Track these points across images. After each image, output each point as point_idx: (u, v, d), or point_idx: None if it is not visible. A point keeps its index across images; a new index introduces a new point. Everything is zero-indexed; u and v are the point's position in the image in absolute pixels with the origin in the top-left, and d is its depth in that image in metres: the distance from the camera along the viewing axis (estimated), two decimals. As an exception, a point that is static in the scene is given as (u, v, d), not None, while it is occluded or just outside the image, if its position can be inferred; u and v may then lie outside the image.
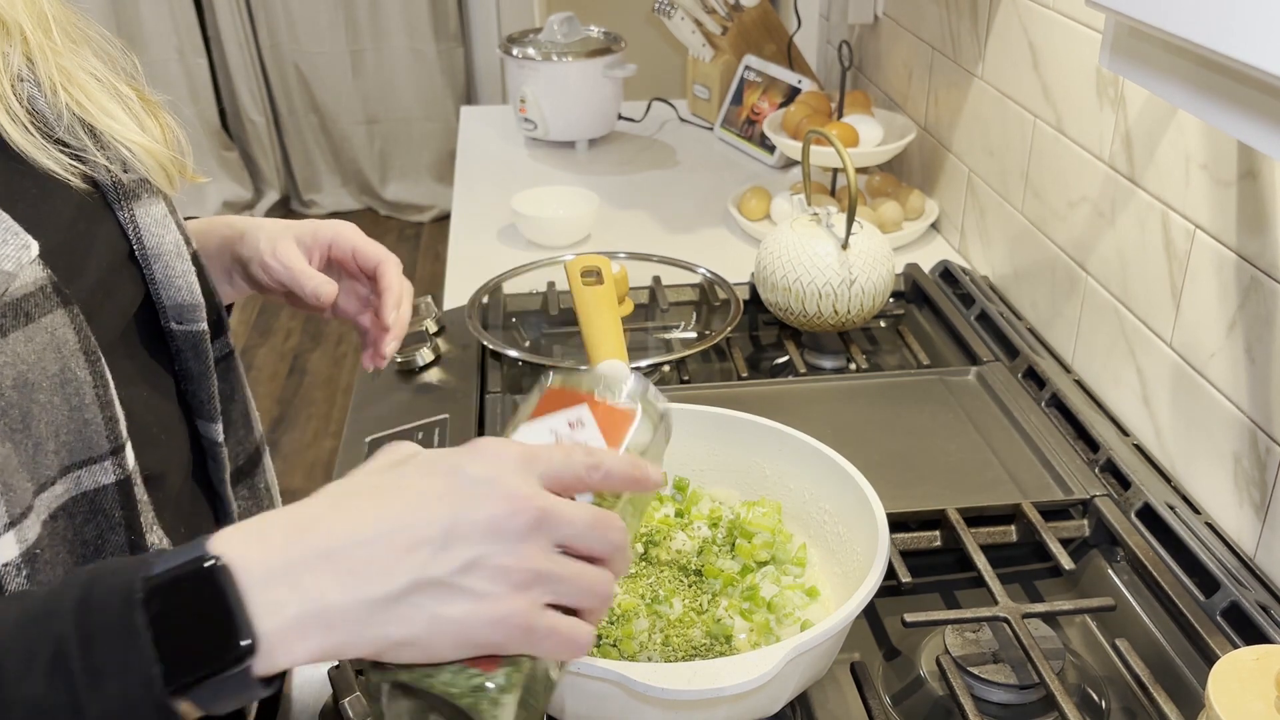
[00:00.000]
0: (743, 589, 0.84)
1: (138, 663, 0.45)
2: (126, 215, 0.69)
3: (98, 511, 0.62)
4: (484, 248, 1.62)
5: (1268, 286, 0.91)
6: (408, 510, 0.50)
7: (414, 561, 0.49)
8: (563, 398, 0.62)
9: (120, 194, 0.69)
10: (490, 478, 0.51)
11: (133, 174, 0.69)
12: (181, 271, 0.71)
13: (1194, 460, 1.03)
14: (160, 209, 0.71)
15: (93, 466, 0.62)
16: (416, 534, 0.49)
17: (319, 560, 0.48)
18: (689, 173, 1.93)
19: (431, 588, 0.49)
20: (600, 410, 0.62)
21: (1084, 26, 1.17)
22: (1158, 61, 0.72)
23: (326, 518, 0.50)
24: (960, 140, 1.55)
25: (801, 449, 0.90)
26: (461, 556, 0.49)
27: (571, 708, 0.72)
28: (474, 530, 0.50)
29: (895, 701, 0.85)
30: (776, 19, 2.10)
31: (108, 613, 0.45)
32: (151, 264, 0.70)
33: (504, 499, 0.50)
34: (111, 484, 0.62)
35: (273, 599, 0.47)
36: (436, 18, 4.00)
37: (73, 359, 0.60)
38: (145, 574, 0.46)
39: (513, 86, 2.03)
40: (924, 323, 1.40)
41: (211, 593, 0.46)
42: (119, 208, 0.69)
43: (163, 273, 0.71)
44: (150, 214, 0.70)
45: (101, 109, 0.68)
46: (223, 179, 4.18)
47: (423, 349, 1.25)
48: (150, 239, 0.70)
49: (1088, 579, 0.97)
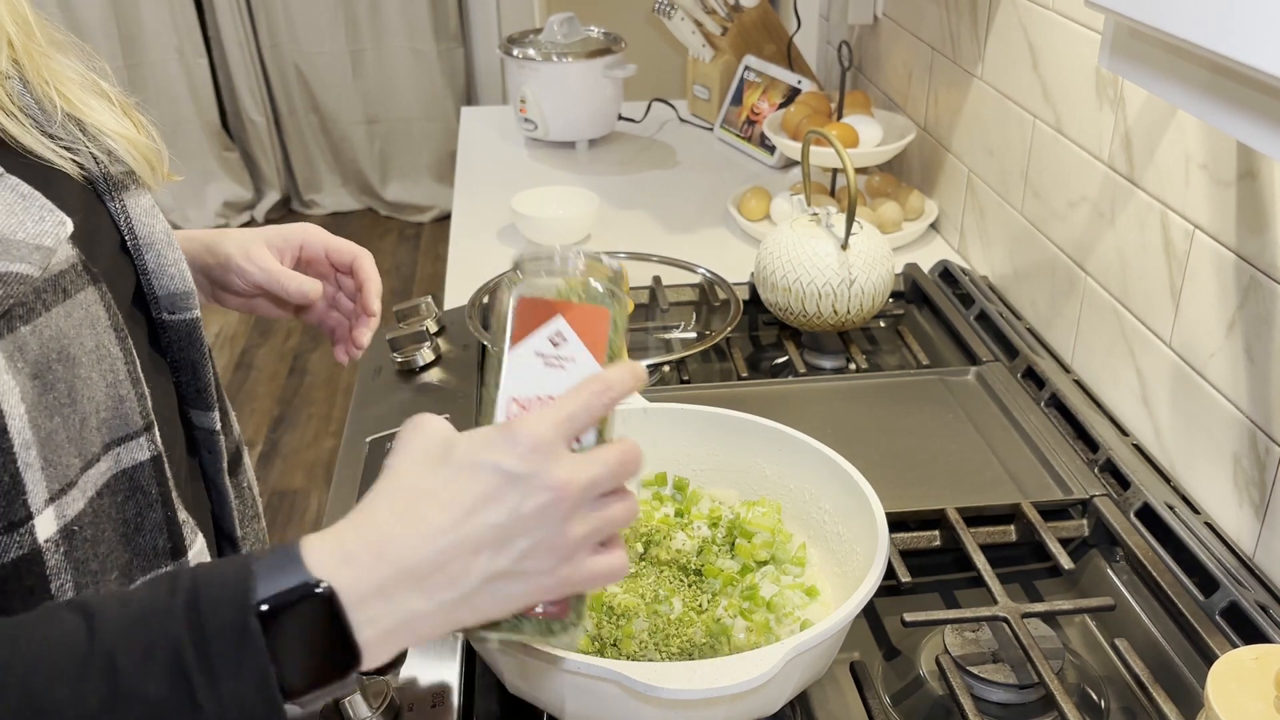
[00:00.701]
0: (742, 588, 0.84)
1: (254, 667, 0.50)
2: (117, 205, 0.70)
3: (137, 489, 0.64)
4: (484, 248, 1.63)
5: (1267, 286, 0.91)
6: (466, 517, 0.55)
7: (480, 563, 0.55)
8: (535, 310, 0.65)
9: (110, 185, 0.69)
10: (531, 473, 0.56)
11: (120, 165, 0.70)
12: (173, 260, 0.72)
13: (1193, 460, 1.03)
14: (148, 199, 0.72)
15: (130, 443, 0.64)
16: (479, 539, 0.55)
17: (403, 577, 0.54)
18: (689, 173, 1.93)
19: (497, 579, 0.56)
20: (574, 316, 0.64)
21: (1083, 27, 1.18)
22: (1157, 62, 0.72)
23: (398, 533, 0.55)
24: (960, 140, 1.55)
25: (801, 449, 0.90)
26: (519, 548, 0.56)
27: (571, 707, 0.72)
28: (526, 524, 0.56)
29: (895, 701, 0.85)
30: (776, 19, 2.10)
31: (221, 618, 0.50)
32: (144, 253, 0.71)
33: (546, 490, 0.56)
34: (147, 460, 0.65)
35: (369, 616, 0.53)
36: (437, 18, 4.00)
37: (105, 335, 0.62)
38: (254, 587, 0.51)
39: (513, 87, 2.04)
40: (924, 323, 1.40)
41: (321, 615, 0.52)
42: (109, 198, 0.70)
43: (155, 261, 0.71)
44: (139, 204, 0.71)
45: (86, 104, 0.69)
46: (223, 179, 4.18)
47: (423, 349, 1.25)
48: (142, 228, 0.71)
49: (1087, 579, 0.97)
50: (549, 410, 0.58)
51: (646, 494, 0.95)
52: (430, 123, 4.19)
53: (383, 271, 4.41)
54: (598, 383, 0.60)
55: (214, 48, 4.03)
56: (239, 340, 3.50)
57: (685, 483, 0.95)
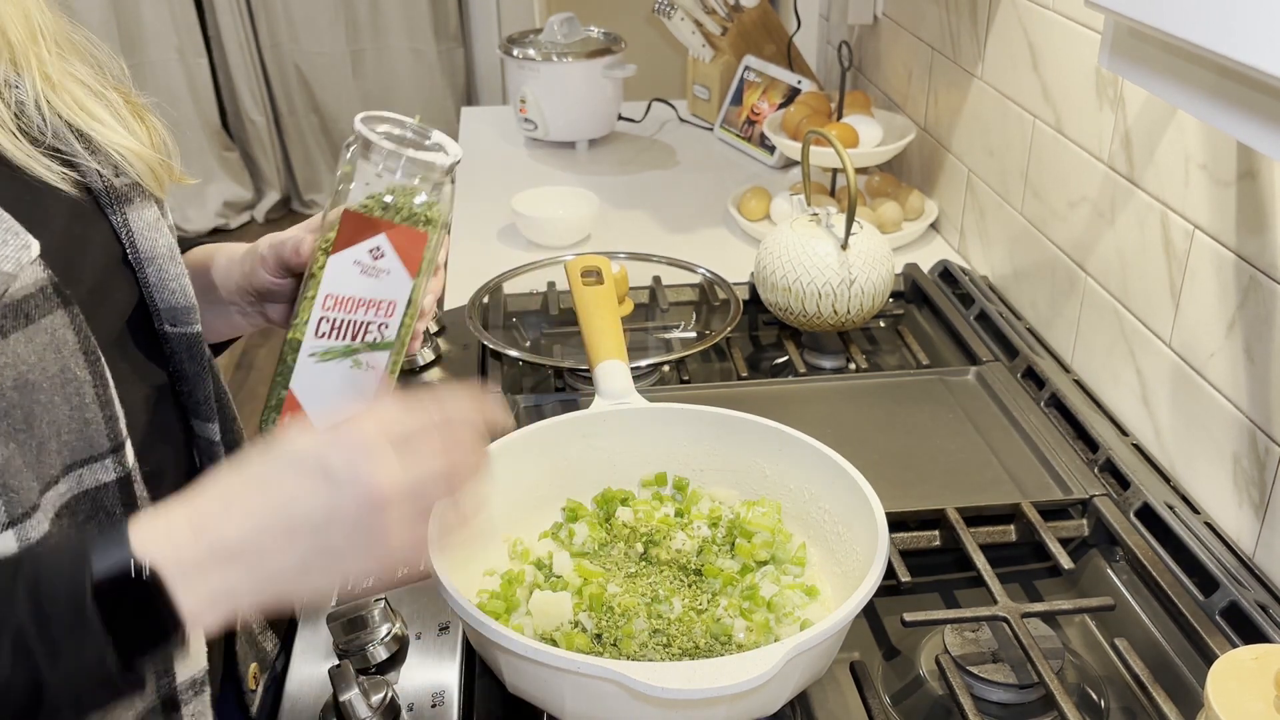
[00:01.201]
0: (742, 588, 0.84)
1: (92, 644, 0.53)
2: (119, 219, 0.70)
3: (99, 509, 0.64)
4: (484, 248, 1.63)
5: (1267, 286, 0.91)
6: (285, 505, 0.57)
7: (296, 547, 0.57)
8: (361, 224, 0.70)
9: (112, 198, 0.69)
10: (350, 479, 0.57)
11: (124, 178, 0.70)
12: (175, 274, 0.72)
13: (1193, 460, 1.03)
14: (152, 213, 0.72)
15: (94, 465, 0.64)
16: (295, 526, 0.57)
17: (221, 554, 0.56)
18: (689, 173, 1.93)
19: (313, 561, 0.58)
20: (395, 235, 0.70)
21: (1083, 27, 1.18)
22: (1157, 62, 0.72)
23: (219, 513, 0.57)
24: (960, 140, 1.55)
25: (801, 449, 0.90)
26: (334, 537, 0.58)
27: (571, 707, 0.72)
28: (343, 521, 0.58)
29: (895, 701, 0.85)
30: (776, 19, 2.10)
31: (60, 602, 0.53)
32: (145, 267, 0.71)
33: (364, 493, 0.57)
34: (113, 481, 0.65)
35: (190, 588, 0.55)
36: (437, 18, 4.00)
37: (72, 359, 0.61)
38: (88, 569, 0.54)
39: (513, 87, 2.04)
40: (923, 323, 1.40)
41: (145, 591, 0.55)
42: (111, 212, 0.70)
43: (156, 276, 0.72)
44: (143, 218, 0.71)
45: (89, 114, 0.69)
46: (223, 179, 4.18)
47: (423, 349, 1.25)
48: (143, 242, 0.71)
49: (1087, 579, 0.97)
50: (376, 415, 0.60)
51: (646, 494, 0.95)
52: (430, 123, 4.18)
53: (383, 271, 4.36)
54: (426, 412, 0.62)
55: (214, 48, 4.03)
56: (239, 340, 3.50)
57: (685, 483, 0.95)
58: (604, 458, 0.95)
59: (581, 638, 0.78)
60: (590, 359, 1.03)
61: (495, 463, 0.88)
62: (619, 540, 0.88)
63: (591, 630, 0.79)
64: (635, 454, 0.96)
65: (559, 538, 0.90)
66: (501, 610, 0.81)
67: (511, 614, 0.82)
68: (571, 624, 0.80)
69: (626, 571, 0.85)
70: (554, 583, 0.84)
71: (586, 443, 0.95)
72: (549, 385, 1.26)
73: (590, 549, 0.88)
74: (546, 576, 0.85)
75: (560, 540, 0.89)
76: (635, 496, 0.94)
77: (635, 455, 0.96)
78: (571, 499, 0.93)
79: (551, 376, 1.26)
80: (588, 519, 0.91)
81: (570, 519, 0.91)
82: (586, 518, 0.91)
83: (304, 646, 0.86)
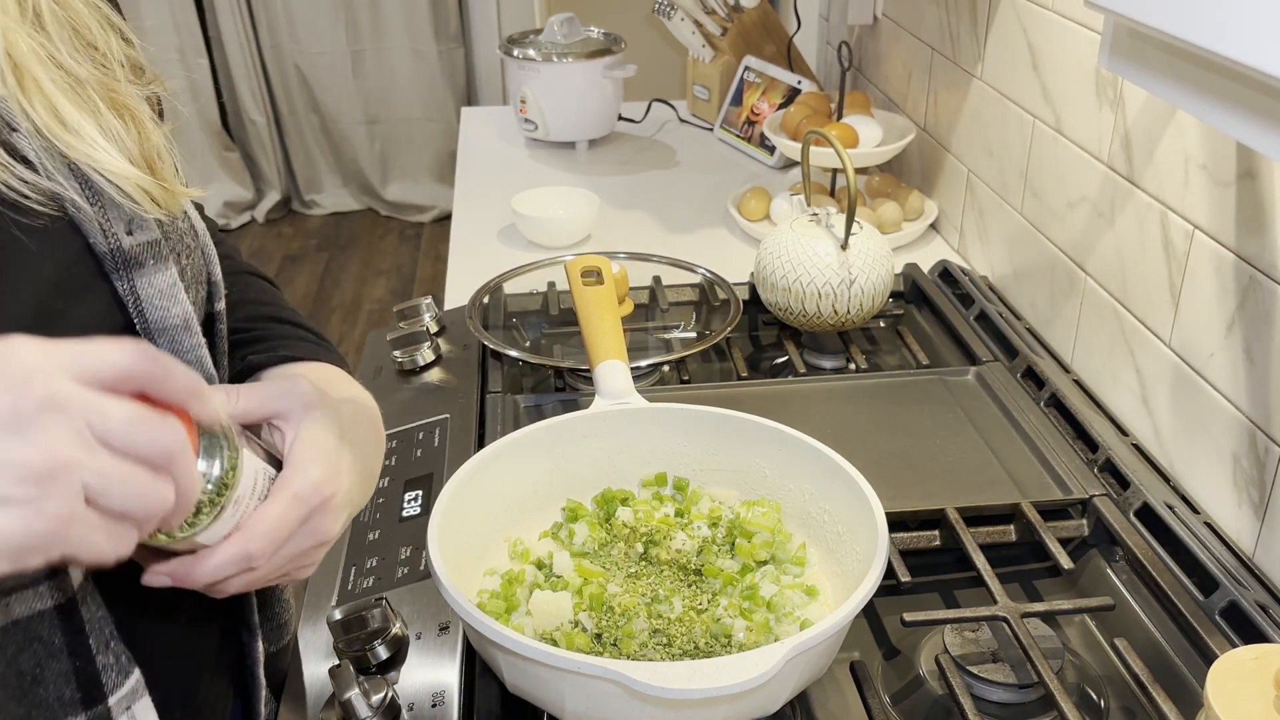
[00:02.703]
0: (742, 588, 0.84)
1: None
2: (125, 286, 0.60)
3: (34, 639, 0.56)
4: (484, 248, 1.63)
5: (1266, 286, 0.91)
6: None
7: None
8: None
9: (119, 261, 0.59)
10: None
11: (136, 237, 0.60)
12: (190, 346, 0.63)
13: (1193, 460, 1.03)
14: (167, 277, 0.62)
15: (23, 593, 0.56)
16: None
17: None
18: (689, 173, 1.93)
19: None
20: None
21: (1083, 27, 1.18)
22: (1156, 62, 0.72)
23: None
24: (959, 141, 1.55)
25: (801, 449, 0.90)
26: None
27: (571, 707, 0.72)
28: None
29: (895, 701, 0.85)
30: (776, 20, 2.10)
31: None
32: (155, 339, 0.62)
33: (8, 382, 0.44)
34: (49, 609, 0.56)
35: None
36: (437, 18, 4.01)
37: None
38: None
39: (513, 87, 2.04)
40: (923, 323, 1.40)
41: None
42: (117, 276, 0.60)
43: (168, 348, 0.62)
44: (154, 284, 0.61)
45: (74, 131, 0.57)
46: (224, 179, 4.19)
47: (423, 349, 1.25)
48: (153, 312, 0.61)
49: (1087, 578, 0.97)
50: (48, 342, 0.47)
51: (646, 494, 0.95)
52: (431, 123, 4.19)
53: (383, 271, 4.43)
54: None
55: (214, 48, 4.04)
56: (239, 340, 3.50)
57: (685, 483, 0.95)
58: (604, 458, 0.95)
59: (581, 637, 0.78)
60: (590, 359, 1.03)
61: (495, 463, 0.89)
62: (619, 540, 0.88)
63: (591, 630, 0.79)
64: (635, 454, 0.96)
65: (559, 538, 0.90)
66: (501, 610, 0.81)
67: (511, 614, 0.82)
68: (571, 624, 0.80)
69: (626, 571, 0.86)
70: (554, 583, 0.84)
71: (586, 443, 0.95)
72: (549, 385, 1.26)
73: (590, 549, 0.88)
74: (546, 576, 0.85)
75: (560, 540, 0.90)
76: (635, 496, 0.94)
77: (635, 455, 0.96)
78: (571, 499, 0.93)
79: (551, 376, 1.26)
80: (588, 519, 0.91)
81: (570, 519, 0.92)
82: (586, 518, 0.91)
83: (304, 646, 0.86)
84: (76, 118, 0.57)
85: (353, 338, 3.52)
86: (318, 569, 0.94)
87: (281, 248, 4.14)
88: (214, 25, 3.99)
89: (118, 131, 0.59)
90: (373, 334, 1.35)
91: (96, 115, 0.59)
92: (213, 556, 0.58)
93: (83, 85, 0.58)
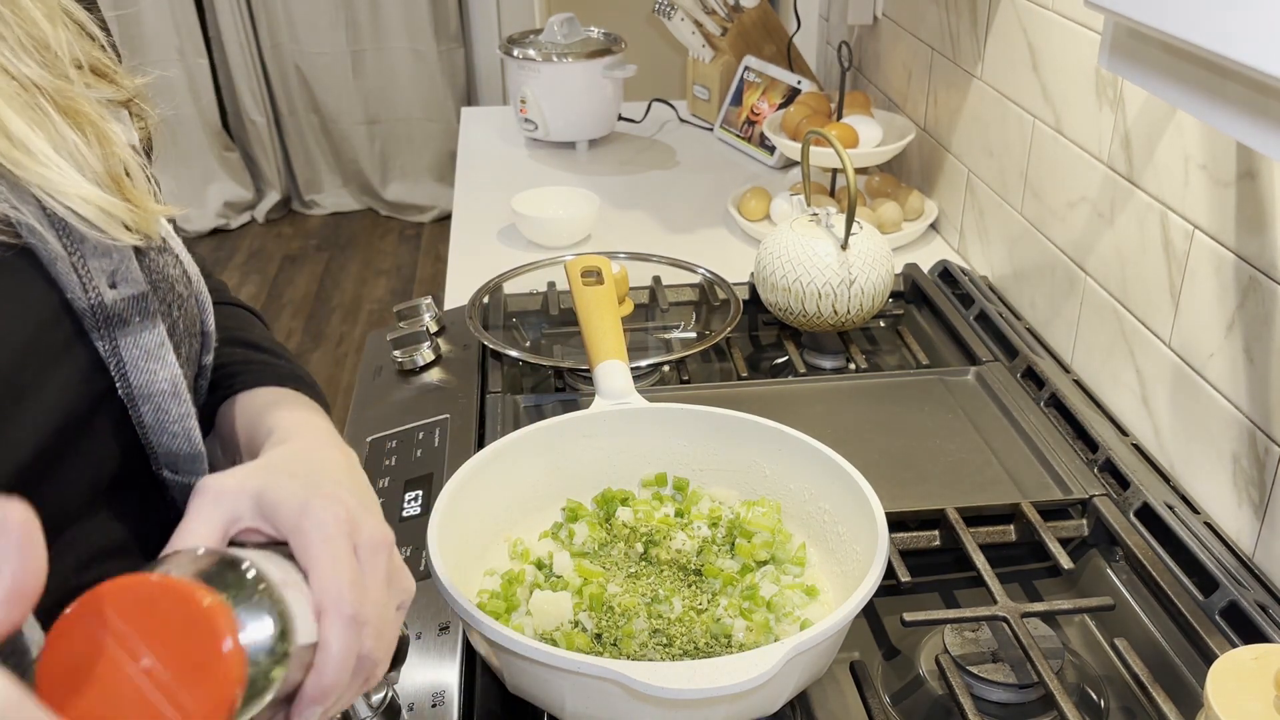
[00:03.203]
0: (742, 588, 0.84)
1: None
2: (107, 346, 0.53)
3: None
4: (484, 248, 1.63)
5: (1266, 286, 0.91)
6: None
7: None
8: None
9: (100, 319, 0.53)
10: None
11: (121, 290, 0.53)
12: (178, 416, 0.57)
13: (1193, 460, 1.03)
14: (154, 336, 0.55)
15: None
16: None
17: None
18: (689, 173, 1.93)
19: None
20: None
21: (1083, 27, 1.18)
22: (1156, 62, 0.72)
23: None
24: (959, 141, 1.55)
25: (801, 449, 0.90)
26: None
27: (571, 707, 0.72)
28: None
29: (895, 701, 0.85)
30: (776, 20, 2.10)
31: None
32: (139, 405, 0.55)
33: None
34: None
35: None
36: (437, 18, 4.01)
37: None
38: None
39: (513, 87, 2.04)
40: (923, 323, 1.40)
41: None
42: (99, 336, 0.53)
43: (153, 416, 0.56)
44: (140, 344, 0.54)
45: (21, 146, 0.50)
46: (224, 179, 4.19)
47: (423, 349, 1.25)
48: (138, 376, 0.55)
49: (1087, 578, 0.97)
50: None
51: (646, 494, 0.95)
52: (431, 123, 4.20)
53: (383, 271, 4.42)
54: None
55: (215, 48, 4.04)
56: (239, 340, 3.50)
57: (685, 483, 0.95)
58: (604, 458, 0.95)
59: (581, 637, 0.78)
60: (590, 359, 1.03)
61: (495, 463, 0.89)
62: (619, 540, 0.88)
63: (591, 630, 0.79)
64: (635, 454, 0.96)
65: (559, 538, 0.90)
66: (501, 610, 0.81)
67: (511, 614, 0.82)
68: (571, 624, 0.80)
69: (626, 571, 0.86)
70: (554, 583, 0.84)
71: (586, 443, 0.95)
72: (549, 385, 1.26)
73: (590, 549, 0.88)
74: (546, 576, 0.85)
75: (560, 540, 0.90)
76: (635, 496, 0.94)
77: (635, 455, 0.96)
78: (571, 499, 0.93)
79: (551, 376, 1.26)
80: (588, 519, 0.91)
81: (570, 519, 0.92)
82: (586, 518, 0.91)
83: (304, 646, 0.86)
84: (24, 130, 0.49)
85: (353, 338, 3.52)
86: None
87: (281, 248, 4.14)
88: (214, 25, 3.99)
89: (76, 146, 0.52)
90: (373, 334, 1.35)
91: (48, 127, 0.51)
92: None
93: (29, 91, 0.50)
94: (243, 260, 4.04)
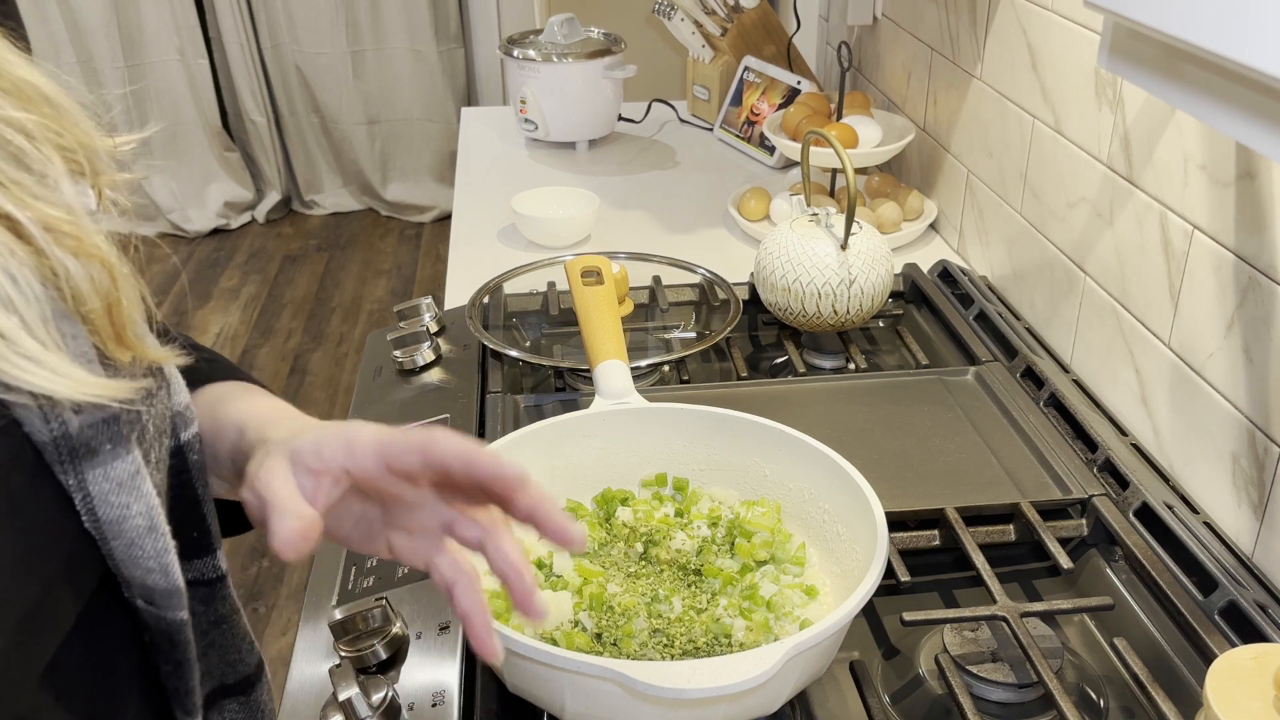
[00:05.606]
0: (742, 588, 0.84)
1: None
2: (73, 480, 0.48)
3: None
4: (484, 248, 1.63)
5: (1266, 286, 0.91)
6: None
7: None
8: None
9: (64, 451, 0.47)
10: None
11: (88, 414, 0.47)
12: (154, 551, 0.51)
13: (1192, 460, 1.03)
14: (127, 465, 0.49)
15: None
16: None
17: None
18: (689, 173, 1.93)
19: None
20: None
21: (1082, 28, 1.18)
22: (1156, 62, 0.72)
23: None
24: (959, 141, 1.55)
25: (801, 449, 0.90)
26: None
27: (571, 707, 0.72)
28: None
29: (894, 700, 0.85)
30: (776, 20, 2.10)
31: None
32: (109, 541, 0.50)
33: None
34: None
35: None
36: (437, 19, 4.01)
37: None
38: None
39: (513, 87, 2.04)
40: (923, 323, 1.40)
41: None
42: (61, 469, 0.47)
43: (124, 552, 0.50)
44: (111, 475, 0.49)
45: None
46: (224, 179, 4.19)
47: (423, 349, 1.25)
48: (107, 511, 0.49)
49: (1086, 578, 0.98)
50: None
51: (646, 494, 0.95)
52: (431, 123, 4.20)
53: (383, 271, 4.42)
54: None
55: (215, 48, 4.04)
56: (239, 340, 3.50)
57: (685, 483, 0.95)
58: (604, 458, 0.95)
59: (582, 637, 0.78)
60: (590, 359, 1.04)
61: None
62: (619, 540, 0.89)
63: (592, 630, 0.79)
64: (635, 454, 0.96)
65: (559, 537, 0.90)
66: (502, 610, 0.81)
67: (512, 613, 0.82)
68: (572, 623, 0.80)
69: (626, 571, 0.86)
70: (554, 582, 0.84)
71: (586, 443, 0.95)
72: (549, 385, 1.26)
73: (590, 549, 0.88)
74: (547, 576, 0.85)
75: (560, 540, 0.90)
76: (635, 496, 0.94)
77: (635, 455, 0.96)
78: (571, 499, 0.93)
79: (551, 376, 1.26)
80: (588, 519, 0.91)
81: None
82: (586, 518, 0.91)
83: (304, 646, 0.86)
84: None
85: (353, 338, 3.52)
86: (316, 570, 0.94)
87: (282, 248, 4.14)
88: (214, 25, 3.99)
89: (58, 261, 0.46)
90: (373, 334, 1.35)
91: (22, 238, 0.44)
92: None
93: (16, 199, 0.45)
94: (243, 260, 4.04)
